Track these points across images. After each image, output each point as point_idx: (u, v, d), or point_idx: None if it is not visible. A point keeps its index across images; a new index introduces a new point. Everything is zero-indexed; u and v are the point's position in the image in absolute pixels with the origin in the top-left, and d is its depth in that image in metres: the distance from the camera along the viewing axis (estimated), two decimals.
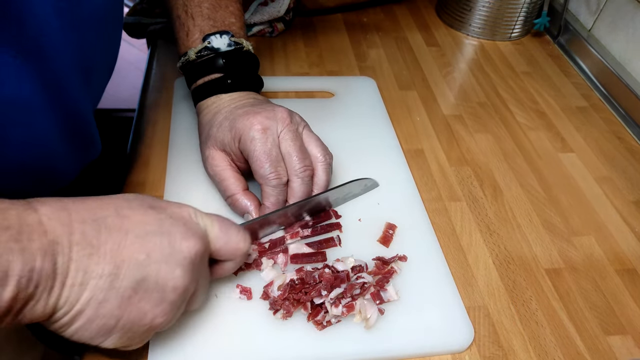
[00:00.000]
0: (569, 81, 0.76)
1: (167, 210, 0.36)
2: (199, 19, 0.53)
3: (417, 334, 0.43)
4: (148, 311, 0.34)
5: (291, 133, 0.47)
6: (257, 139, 0.46)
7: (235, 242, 0.39)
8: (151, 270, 0.33)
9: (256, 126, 0.46)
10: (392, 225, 0.51)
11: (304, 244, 0.48)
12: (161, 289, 0.34)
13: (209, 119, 0.51)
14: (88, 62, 0.44)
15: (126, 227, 0.33)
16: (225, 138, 0.48)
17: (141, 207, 0.35)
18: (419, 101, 0.69)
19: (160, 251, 0.34)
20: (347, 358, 0.42)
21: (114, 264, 0.32)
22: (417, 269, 0.48)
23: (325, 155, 0.49)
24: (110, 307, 0.32)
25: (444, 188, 0.58)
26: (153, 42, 0.73)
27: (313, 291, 0.42)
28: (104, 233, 0.32)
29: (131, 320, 0.33)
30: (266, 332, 0.42)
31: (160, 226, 0.34)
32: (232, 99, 0.51)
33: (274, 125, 0.47)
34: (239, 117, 0.48)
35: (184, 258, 0.35)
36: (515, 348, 0.44)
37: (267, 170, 0.46)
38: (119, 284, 0.32)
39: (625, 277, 0.51)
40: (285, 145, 0.47)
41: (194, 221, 0.37)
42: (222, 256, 0.40)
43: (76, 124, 0.45)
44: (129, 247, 0.33)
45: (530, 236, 0.54)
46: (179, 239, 0.35)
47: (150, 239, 0.34)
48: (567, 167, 0.62)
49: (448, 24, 0.85)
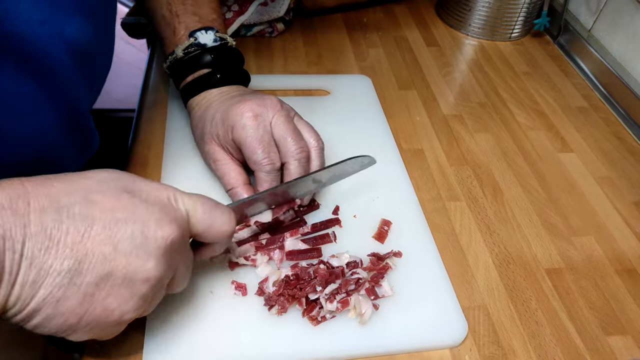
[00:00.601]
0: (569, 81, 0.76)
1: (143, 193, 0.33)
2: (183, 16, 0.53)
3: (411, 329, 0.43)
4: (115, 308, 0.31)
5: (283, 117, 0.47)
6: (248, 126, 0.46)
7: (219, 225, 0.37)
8: (118, 264, 0.31)
9: (247, 113, 0.46)
10: (387, 222, 0.51)
11: (300, 240, 0.48)
12: (130, 283, 0.31)
13: (200, 115, 0.51)
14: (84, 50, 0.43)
15: (93, 214, 0.30)
16: (220, 131, 0.48)
17: (115, 189, 0.32)
18: (418, 101, 0.69)
19: (130, 241, 0.31)
20: (341, 353, 0.42)
21: (74, 259, 0.29)
22: (411, 265, 0.48)
23: (318, 140, 0.49)
24: (71, 305, 0.30)
25: (443, 188, 0.58)
26: (153, 42, 0.73)
27: (308, 287, 0.42)
28: (67, 222, 0.29)
29: (96, 317, 0.31)
30: (261, 328, 0.42)
31: (133, 213, 0.32)
32: (221, 92, 0.51)
33: (265, 112, 0.47)
34: (230, 107, 0.48)
35: (157, 248, 0.32)
36: (515, 348, 0.44)
37: (260, 156, 0.46)
38: (80, 280, 0.30)
39: (625, 277, 0.51)
40: (278, 129, 0.47)
41: (172, 206, 0.35)
42: (207, 239, 0.38)
43: (75, 117, 0.45)
44: (93, 239, 0.30)
45: (530, 236, 0.54)
46: (153, 226, 0.32)
47: (120, 228, 0.31)
48: (567, 167, 0.62)
49: (448, 23, 0.85)
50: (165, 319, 0.41)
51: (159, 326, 0.41)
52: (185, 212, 0.35)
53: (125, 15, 0.74)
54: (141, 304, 0.33)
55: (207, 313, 0.42)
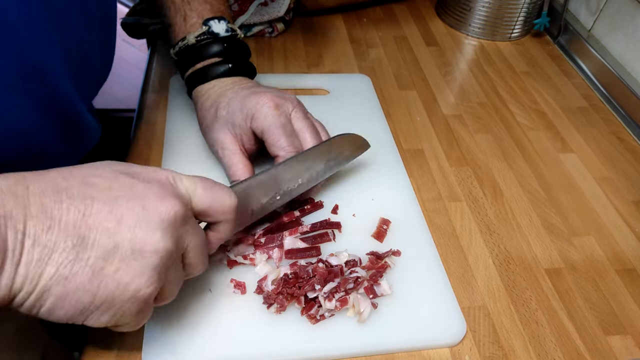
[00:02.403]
0: (569, 81, 0.76)
1: (141, 175, 0.34)
2: (195, 3, 0.53)
3: (410, 327, 0.43)
4: (129, 282, 0.31)
5: (302, 112, 0.49)
6: (271, 115, 0.47)
7: (222, 200, 0.37)
8: (123, 237, 0.30)
9: (269, 103, 0.47)
10: (386, 221, 0.51)
11: (299, 239, 0.48)
12: (139, 256, 0.31)
13: (211, 103, 0.51)
14: (73, 48, 0.43)
15: (92, 194, 0.31)
16: (236, 119, 0.48)
17: (111, 172, 0.33)
18: (418, 101, 0.69)
19: (134, 216, 0.31)
20: (340, 352, 0.42)
21: (78, 235, 0.29)
22: (410, 264, 0.48)
23: (326, 134, 0.51)
24: (81, 281, 0.30)
25: (443, 188, 0.57)
26: (153, 42, 0.73)
27: (307, 285, 0.42)
28: (67, 202, 0.30)
29: (110, 293, 0.31)
30: (260, 326, 0.42)
31: (132, 190, 0.32)
32: (234, 82, 0.52)
33: (285, 104, 0.48)
34: (248, 97, 0.48)
35: (161, 221, 0.32)
36: (515, 348, 0.44)
37: (284, 142, 0.47)
38: (86, 255, 0.30)
39: (625, 277, 0.51)
40: (297, 123, 0.49)
41: (171, 184, 0.35)
42: (212, 216, 0.37)
43: (63, 112, 0.44)
44: (95, 215, 0.30)
45: (530, 236, 0.54)
46: (153, 201, 0.32)
47: (121, 204, 0.31)
48: (567, 167, 0.62)
49: (448, 23, 0.85)
50: (165, 318, 0.41)
51: (159, 324, 0.41)
52: (186, 191, 0.35)
53: (125, 15, 0.74)
54: (155, 277, 0.32)
55: (206, 311, 0.42)
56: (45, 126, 0.43)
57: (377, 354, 0.43)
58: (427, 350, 0.43)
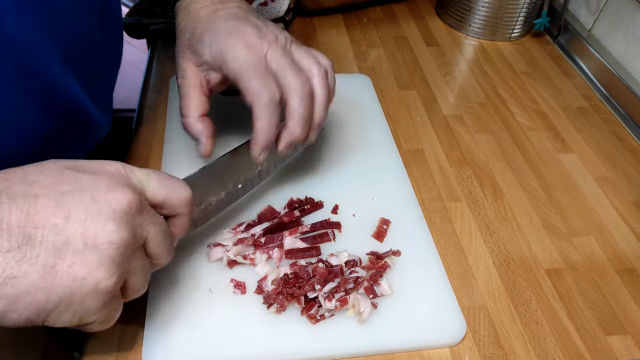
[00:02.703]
0: (569, 81, 0.76)
1: (88, 167, 0.33)
2: None
3: (410, 327, 0.43)
4: (86, 276, 0.30)
5: (280, 49, 0.44)
6: (241, 57, 0.42)
7: (178, 192, 0.36)
8: (74, 232, 0.29)
9: (238, 44, 0.43)
10: (387, 221, 0.51)
11: (299, 239, 0.48)
12: (94, 249, 0.30)
13: (186, 24, 0.47)
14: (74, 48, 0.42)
15: (35, 192, 0.29)
16: (204, 54, 0.45)
17: (55, 169, 0.31)
18: (418, 101, 0.69)
19: (82, 209, 0.30)
20: (340, 352, 0.42)
21: (23, 235, 0.28)
22: (410, 264, 0.48)
23: (319, 66, 0.45)
24: (32, 280, 0.28)
25: (444, 188, 0.57)
26: (153, 42, 0.73)
27: (307, 285, 0.42)
28: (7, 203, 0.28)
29: (67, 289, 0.29)
30: (260, 326, 0.42)
31: (79, 184, 0.31)
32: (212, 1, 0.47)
33: (259, 44, 0.43)
34: (221, 34, 0.44)
35: (112, 211, 0.31)
36: (515, 348, 0.44)
37: (256, 85, 0.42)
38: (35, 254, 0.28)
39: (625, 277, 0.51)
40: (275, 63, 0.43)
41: (122, 174, 0.34)
42: (168, 208, 0.36)
43: (65, 111, 0.44)
44: (41, 213, 0.29)
45: (530, 236, 0.54)
46: (103, 192, 0.31)
47: (67, 199, 0.30)
48: (567, 168, 0.62)
49: (448, 23, 0.85)
50: (164, 317, 0.41)
51: (158, 324, 0.41)
52: (139, 181, 0.35)
53: (125, 15, 0.74)
54: (115, 269, 0.31)
55: (206, 311, 0.42)
56: (45, 125, 0.43)
57: (377, 354, 0.43)
58: (427, 350, 0.43)
